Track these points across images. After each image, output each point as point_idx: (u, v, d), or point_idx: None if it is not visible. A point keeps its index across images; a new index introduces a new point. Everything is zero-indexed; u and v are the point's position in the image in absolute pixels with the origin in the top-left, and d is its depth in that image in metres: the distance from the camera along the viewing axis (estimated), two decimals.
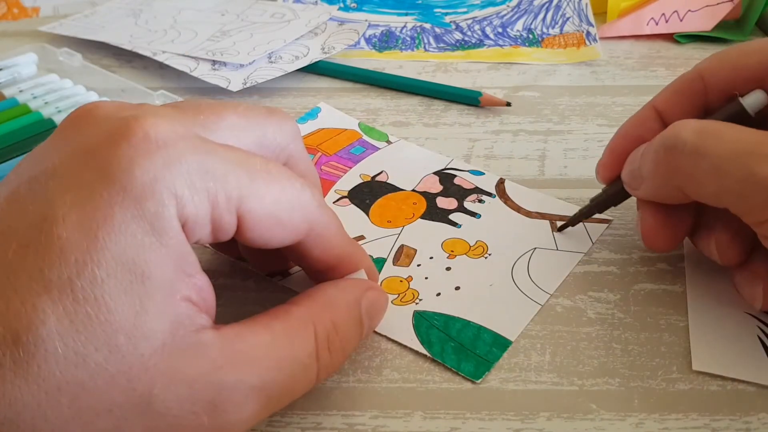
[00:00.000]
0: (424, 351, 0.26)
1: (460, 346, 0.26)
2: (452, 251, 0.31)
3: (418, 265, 0.30)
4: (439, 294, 0.29)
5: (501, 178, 0.35)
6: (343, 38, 0.48)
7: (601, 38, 0.49)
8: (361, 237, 0.32)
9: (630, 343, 0.27)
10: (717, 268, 0.28)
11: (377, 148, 0.38)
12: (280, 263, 0.29)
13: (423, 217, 0.33)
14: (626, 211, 0.33)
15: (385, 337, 0.27)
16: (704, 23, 0.48)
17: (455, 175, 0.35)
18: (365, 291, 0.25)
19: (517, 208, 0.33)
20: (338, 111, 0.41)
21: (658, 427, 0.24)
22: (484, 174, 0.35)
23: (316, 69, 0.45)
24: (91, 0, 0.55)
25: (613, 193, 0.30)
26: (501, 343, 0.27)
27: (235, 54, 0.45)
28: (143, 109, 0.21)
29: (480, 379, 0.25)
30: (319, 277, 0.25)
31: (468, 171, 0.36)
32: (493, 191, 0.34)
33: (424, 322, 0.28)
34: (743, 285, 0.27)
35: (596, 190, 0.34)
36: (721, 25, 0.48)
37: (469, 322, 0.27)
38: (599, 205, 0.31)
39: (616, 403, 0.24)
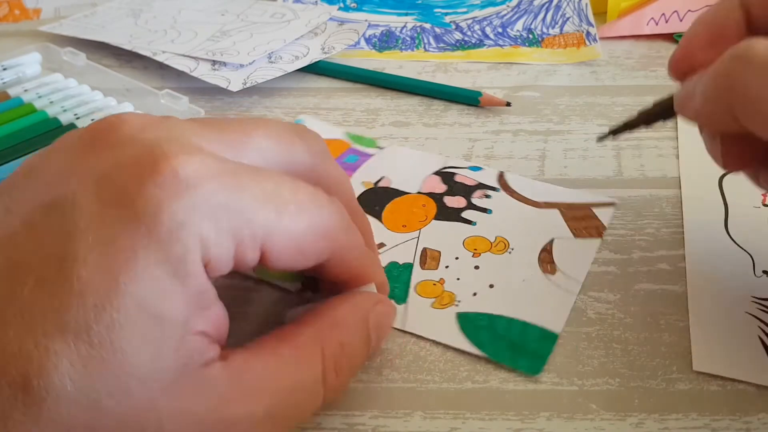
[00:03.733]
0: (478, 352, 0.26)
1: (512, 344, 0.26)
2: (476, 249, 0.31)
3: (446, 267, 0.30)
4: (475, 294, 0.29)
5: (501, 172, 0.35)
6: (343, 38, 0.48)
7: (601, 38, 0.49)
8: (382, 245, 0.32)
9: (630, 343, 0.27)
10: (717, 268, 0.28)
11: (369, 155, 0.37)
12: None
13: (436, 218, 0.33)
14: (626, 211, 0.33)
15: (434, 341, 0.27)
16: None
17: (455, 173, 0.35)
18: (374, 306, 0.24)
19: (524, 200, 0.33)
20: (322, 122, 0.40)
21: (658, 427, 0.24)
22: (482, 168, 0.36)
23: (316, 69, 0.45)
24: (92, 2, 0.55)
25: (665, 106, 0.27)
26: (549, 337, 0.27)
27: (235, 54, 0.45)
28: (171, 134, 0.20)
29: (539, 373, 0.25)
30: (331, 287, 0.25)
31: (467, 167, 0.36)
32: (497, 185, 0.34)
33: (469, 324, 0.27)
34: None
35: (597, 190, 0.34)
36: None
37: (513, 318, 0.27)
38: (647, 117, 0.28)
39: (616, 403, 0.24)
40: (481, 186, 0.34)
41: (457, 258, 0.31)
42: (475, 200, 0.34)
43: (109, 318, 0.18)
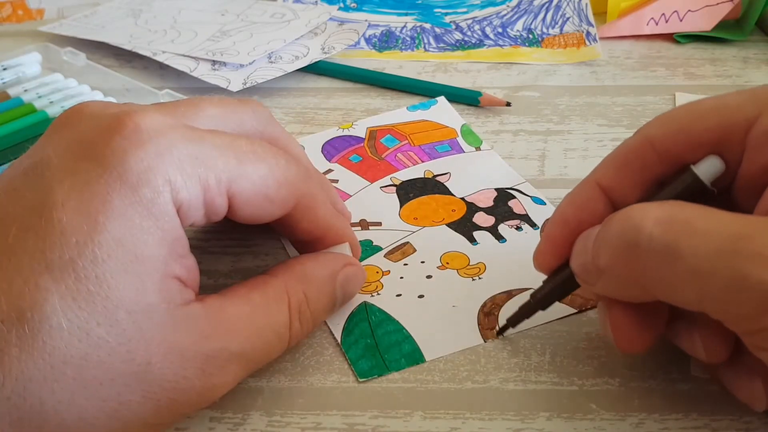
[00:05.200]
0: (337, 337, 0.27)
1: (374, 345, 0.27)
2: (448, 263, 0.30)
3: (405, 264, 0.30)
4: (399, 295, 0.29)
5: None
6: (343, 38, 0.48)
7: (601, 38, 0.49)
8: (378, 224, 0.32)
9: None
10: None
11: (463, 151, 0.37)
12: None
13: (450, 224, 0.32)
14: None
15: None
16: (704, 23, 0.48)
17: (514, 197, 0.34)
18: (343, 266, 0.26)
19: None
20: (453, 109, 0.40)
21: (658, 427, 0.24)
22: (545, 204, 0.33)
23: (316, 69, 0.45)
24: (95, 1, 0.55)
25: (560, 285, 0.25)
26: (414, 358, 0.26)
27: (235, 54, 0.45)
28: (130, 106, 0.23)
29: (364, 379, 0.25)
30: (305, 248, 0.27)
31: (530, 197, 0.34)
32: (540, 223, 0.32)
33: (362, 314, 0.28)
34: (737, 383, 0.23)
35: None
36: (721, 25, 0.48)
37: (403, 328, 0.27)
38: (543, 300, 0.26)
39: (616, 403, 0.24)
40: (524, 218, 0.32)
41: (422, 262, 0.30)
42: (503, 226, 0.32)
43: (92, 253, 0.19)
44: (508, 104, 0.41)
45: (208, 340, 0.21)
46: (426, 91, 0.43)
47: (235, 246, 0.31)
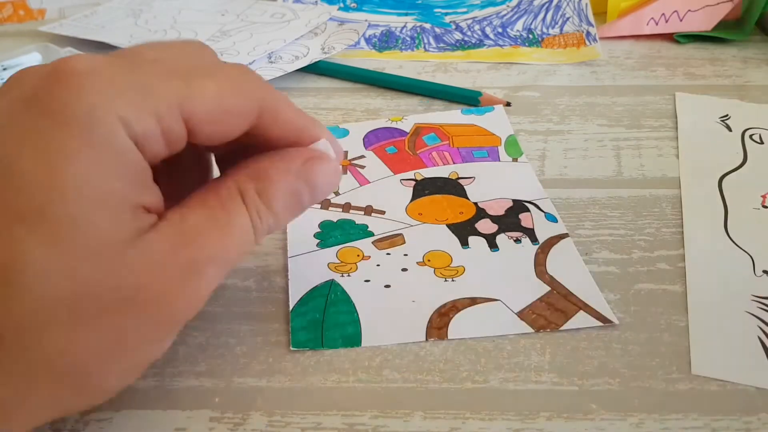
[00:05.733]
0: (292, 302, 0.28)
1: (320, 321, 0.27)
2: (428, 261, 0.30)
3: (388, 254, 0.31)
4: (368, 281, 0.29)
5: (565, 233, 0.32)
6: (343, 38, 0.48)
7: (601, 38, 0.49)
8: (382, 212, 0.33)
9: (630, 343, 0.27)
10: (717, 268, 0.28)
11: (499, 160, 0.37)
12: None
13: (450, 225, 0.32)
14: (625, 211, 0.33)
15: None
16: (704, 23, 0.48)
17: (528, 210, 0.33)
18: (305, 159, 0.25)
19: (542, 272, 0.29)
20: (507, 119, 0.40)
21: (658, 427, 0.24)
22: (556, 222, 0.32)
23: (316, 69, 0.45)
24: (96, 2, 0.55)
25: None
26: (351, 341, 0.27)
27: (235, 54, 0.45)
28: (65, 57, 0.22)
29: (295, 348, 0.26)
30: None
31: (545, 213, 0.33)
32: (542, 240, 0.31)
33: (324, 290, 0.28)
34: None
35: (597, 190, 0.34)
36: (721, 25, 0.48)
37: (355, 311, 0.28)
38: None
39: (616, 403, 0.24)
40: (528, 232, 0.32)
41: (405, 255, 0.31)
42: (502, 236, 0.31)
43: (60, 197, 0.19)
44: (508, 104, 0.41)
45: (182, 248, 0.21)
46: (426, 91, 0.43)
47: None
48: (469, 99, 0.42)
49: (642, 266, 0.30)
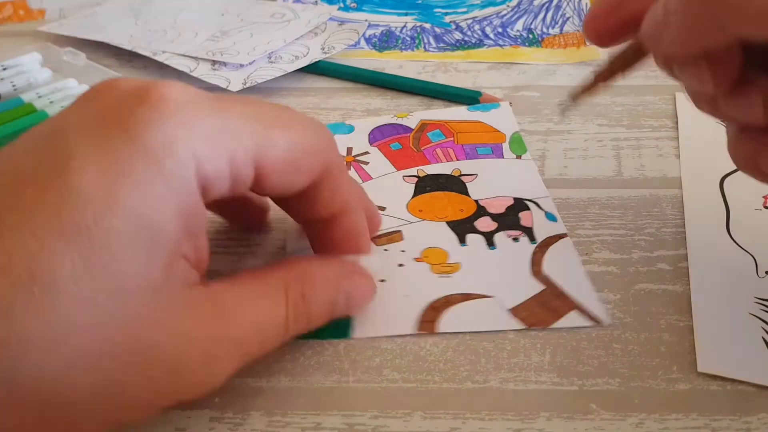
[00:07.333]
0: None
1: None
2: (426, 257, 0.30)
3: (385, 250, 0.31)
4: None
5: (564, 233, 0.32)
6: (343, 38, 0.48)
7: None
8: (383, 208, 0.33)
9: (630, 343, 0.27)
10: (719, 269, 0.28)
11: (503, 157, 0.37)
12: (256, 214, 0.31)
13: (449, 222, 0.32)
14: (625, 211, 0.33)
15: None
16: None
17: (529, 210, 0.33)
18: (350, 273, 0.26)
19: (538, 271, 0.30)
20: (513, 116, 0.40)
21: (658, 427, 0.24)
22: (556, 221, 0.32)
23: (316, 69, 0.45)
24: (97, 2, 0.55)
25: (622, 57, 0.25)
26: (342, 332, 0.27)
27: (235, 54, 0.45)
28: (158, 81, 0.22)
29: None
30: (319, 230, 0.27)
31: (545, 212, 0.33)
32: (540, 239, 0.31)
33: None
34: (736, 104, 0.23)
35: (598, 190, 0.34)
36: None
37: None
38: (604, 74, 0.26)
39: (616, 403, 0.24)
40: (527, 231, 0.32)
41: (403, 251, 0.31)
42: (501, 234, 0.31)
43: (108, 223, 0.19)
44: (509, 104, 0.41)
45: (211, 324, 0.21)
46: (426, 91, 0.43)
47: (235, 246, 0.31)
48: (469, 99, 0.42)
49: (642, 266, 0.30)
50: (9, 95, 0.41)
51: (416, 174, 0.35)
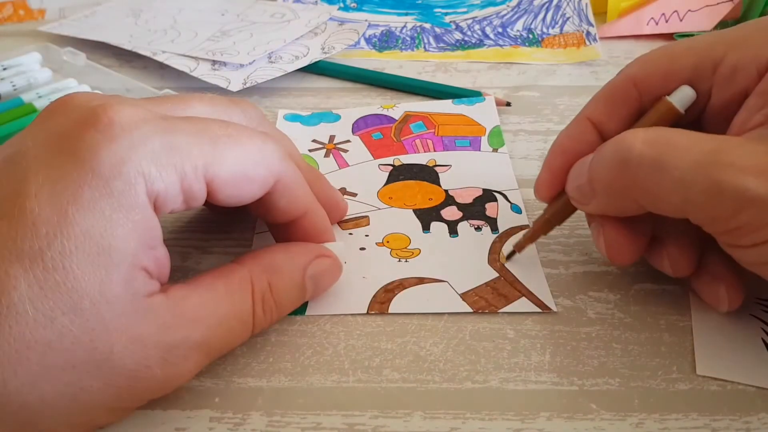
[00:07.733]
0: None
1: None
2: (387, 242, 0.31)
3: (350, 234, 0.31)
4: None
5: (526, 225, 0.32)
6: (343, 38, 0.48)
7: (601, 38, 0.49)
8: (354, 194, 0.34)
9: (630, 343, 0.27)
10: None
11: (479, 149, 0.37)
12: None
13: (416, 210, 0.33)
14: None
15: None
16: (704, 23, 0.48)
17: (496, 202, 0.33)
18: (314, 257, 0.27)
19: (494, 260, 0.30)
20: (495, 110, 0.40)
21: (658, 427, 0.24)
22: (520, 213, 0.33)
23: (316, 69, 0.45)
24: (97, 2, 0.55)
25: (558, 211, 0.28)
26: (297, 310, 0.27)
27: (235, 54, 0.45)
28: (112, 98, 0.23)
29: None
30: (283, 233, 0.27)
31: (511, 203, 0.33)
32: (501, 229, 0.32)
33: None
34: (704, 290, 0.27)
35: None
36: (721, 25, 0.48)
37: None
38: (544, 225, 0.29)
39: (616, 403, 0.24)
40: (491, 221, 0.32)
41: (366, 236, 0.31)
42: (464, 223, 0.32)
43: (60, 245, 0.20)
44: (508, 104, 0.41)
45: (169, 330, 0.22)
46: (426, 91, 0.43)
47: (235, 246, 0.31)
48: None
49: (642, 266, 0.30)
50: (9, 95, 0.41)
51: (392, 163, 0.36)
